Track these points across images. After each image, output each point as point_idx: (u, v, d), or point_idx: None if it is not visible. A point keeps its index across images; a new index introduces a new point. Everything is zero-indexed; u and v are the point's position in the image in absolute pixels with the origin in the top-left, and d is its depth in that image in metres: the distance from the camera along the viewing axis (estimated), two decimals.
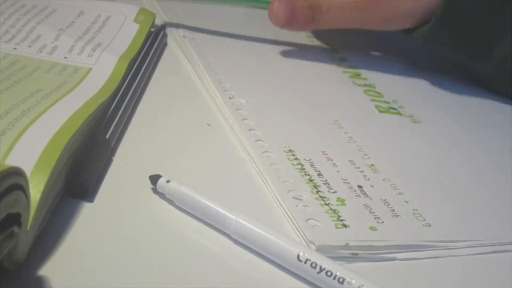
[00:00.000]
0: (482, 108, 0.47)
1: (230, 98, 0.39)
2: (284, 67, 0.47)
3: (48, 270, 0.23)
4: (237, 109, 0.38)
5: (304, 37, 0.54)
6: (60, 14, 0.45)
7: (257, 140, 0.35)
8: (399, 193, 0.33)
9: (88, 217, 0.27)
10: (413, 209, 0.31)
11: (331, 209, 0.30)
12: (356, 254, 0.28)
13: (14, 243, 0.22)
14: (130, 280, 0.24)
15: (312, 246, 0.27)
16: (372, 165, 0.35)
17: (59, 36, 0.41)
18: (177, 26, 0.49)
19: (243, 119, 0.37)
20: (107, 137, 0.31)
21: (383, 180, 0.34)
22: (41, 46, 0.39)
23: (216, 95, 0.39)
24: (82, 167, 0.28)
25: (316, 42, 0.53)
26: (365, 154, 0.36)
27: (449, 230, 0.30)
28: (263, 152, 0.34)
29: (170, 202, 0.29)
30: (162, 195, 0.29)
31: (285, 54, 0.50)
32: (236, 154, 0.34)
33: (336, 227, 0.29)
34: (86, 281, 0.23)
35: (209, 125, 0.36)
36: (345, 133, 0.38)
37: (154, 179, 0.29)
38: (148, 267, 0.25)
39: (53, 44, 0.40)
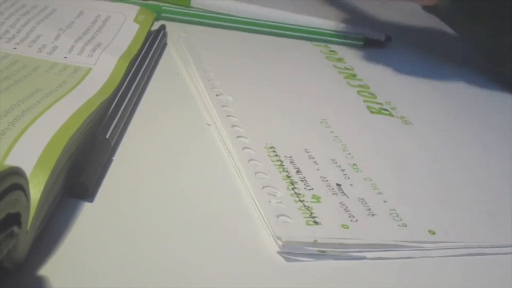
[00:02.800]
0: (474, 112, 0.47)
1: (217, 95, 0.39)
2: (279, 66, 0.47)
3: (48, 270, 0.23)
4: (223, 106, 0.38)
5: (307, 43, 0.54)
6: (60, 14, 0.45)
7: (238, 136, 0.35)
8: (379, 193, 0.32)
9: (88, 217, 0.27)
10: (390, 209, 0.31)
11: (304, 205, 0.30)
12: (324, 251, 0.27)
13: (14, 243, 0.22)
14: (130, 280, 0.24)
15: (279, 242, 0.27)
16: (354, 164, 0.35)
17: (59, 36, 0.41)
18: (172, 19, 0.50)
19: (228, 116, 0.37)
20: (107, 137, 0.31)
21: (364, 179, 0.33)
22: (41, 46, 0.39)
23: (204, 93, 0.39)
24: (82, 167, 0.28)
25: (316, 45, 0.53)
26: (349, 154, 0.36)
27: (425, 232, 0.30)
28: (243, 148, 0.34)
29: (169, 202, 0.29)
30: (161, 197, 0.29)
31: (282, 53, 0.50)
32: (216, 150, 0.34)
33: (307, 224, 0.28)
34: (86, 281, 0.23)
35: (209, 124, 0.36)
36: (332, 132, 0.38)
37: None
38: (148, 267, 0.25)
39: (53, 44, 0.40)
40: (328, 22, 0.56)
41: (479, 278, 0.28)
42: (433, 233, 0.30)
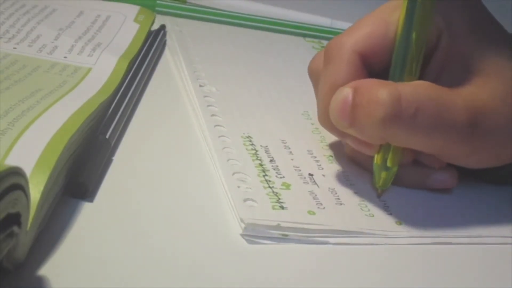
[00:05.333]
0: None
1: (201, 86, 0.40)
2: (268, 60, 0.48)
3: (48, 270, 0.23)
4: (205, 96, 0.38)
5: (300, 39, 0.54)
6: (60, 14, 0.45)
7: (216, 125, 0.35)
8: (351, 184, 0.33)
9: (88, 217, 0.27)
10: (360, 200, 0.31)
11: (273, 191, 0.30)
12: (287, 235, 0.28)
13: (14, 243, 0.22)
14: (130, 280, 0.24)
15: (242, 224, 0.27)
16: (330, 156, 0.35)
17: (59, 36, 0.41)
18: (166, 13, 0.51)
19: (208, 106, 0.37)
20: (107, 137, 0.31)
21: (337, 170, 0.34)
22: (41, 46, 0.39)
23: (188, 83, 0.40)
24: (82, 167, 0.28)
25: (309, 41, 0.53)
26: (326, 145, 0.36)
27: (392, 222, 0.30)
28: (220, 136, 0.34)
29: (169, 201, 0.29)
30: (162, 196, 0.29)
31: (272, 47, 0.50)
32: (193, 137, 0.35)
33: (273, 209, 0.29)
34: (86, 281, 0.23)
35: None
36: (312, 124, 0.38)
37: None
38: (148, 267, 0.25)
39: (53, 44, 0.40)
40: (323, 19, 0.56)
41: (443, 266, 0.29)
42: (400, 223, 0.30)
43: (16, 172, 0.20)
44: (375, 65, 0.32)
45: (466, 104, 0.30)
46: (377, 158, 0.32)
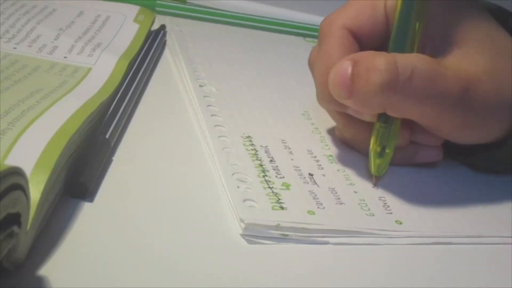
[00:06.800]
0: None
1: (200, 86, 0.40)
2: (268, 59, 0.48)
3: (48, 270, 0.23)
4: (204, 96, 0.38)
5: (300, 39, 0.54)
6: (60, 14, 0.45)
7: (216, 126, 0.35)
8: (350, 184, 0.33)
9: (88, 217, 0.27)
10: (360, 199, 0.31)
11: (273, 192, 0.30)
12: (287, 235, 0.28)
13: (14, 243, 0.22)
14: (130, 279, 0.24)
15: (242, 224, 0.27)
16: (330, 155, 0.35)
17: (59, 36, 0.41)
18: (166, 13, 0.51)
19: (208, 106, 0.37)
20: (107, 137, 0.31)
21: (337, 170, 0.34)
22: (41, 46, 0.39)
23: (188, 83, 0.40)
24: (82, 167, 0.28)
25: (309, 40, 0.53)
26: (326, 145, 0.36)
27: (392, 222, 0.30)
28: (219, 136, 0.34)
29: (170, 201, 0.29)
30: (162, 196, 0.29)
31: (272, 47, 0.50)
32: (193, 137, 0.35)
33: (273, 209, 0.29)
34: (86, 281, 0.23)
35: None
36: (312, 124, 0.38)
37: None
38: (148, 267, 0.25)
39: (53, 44, 0.40)
40: (322, 19, 0.56)
41: (443, 266, 0.29)
42: (400, 223, 0.30)
43: (16, 172, 0.20)
44: (364, 45, 0.34)
45: (456, 74, 0.31)
46: (372, 145, 0.32)
